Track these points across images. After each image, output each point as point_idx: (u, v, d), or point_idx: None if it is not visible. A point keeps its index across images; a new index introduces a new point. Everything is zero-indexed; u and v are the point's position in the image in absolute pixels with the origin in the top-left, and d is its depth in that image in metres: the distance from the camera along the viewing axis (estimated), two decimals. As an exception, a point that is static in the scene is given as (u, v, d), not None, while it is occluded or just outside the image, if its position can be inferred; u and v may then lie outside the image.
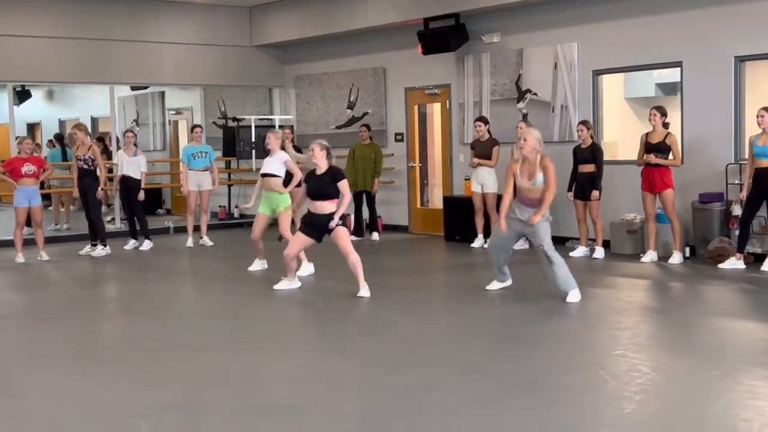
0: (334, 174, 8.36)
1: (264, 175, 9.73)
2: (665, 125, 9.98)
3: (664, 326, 7.00)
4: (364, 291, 8.30)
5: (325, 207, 8.31)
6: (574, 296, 7.79)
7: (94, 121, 19.31)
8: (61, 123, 21.06)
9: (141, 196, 12.15)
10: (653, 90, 13.21)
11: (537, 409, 4.93)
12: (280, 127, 14.76)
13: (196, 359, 6.23)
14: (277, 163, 9.68)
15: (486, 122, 11.78)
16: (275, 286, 8.77)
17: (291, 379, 5.68)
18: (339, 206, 8.34)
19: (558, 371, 5.73)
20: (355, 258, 8.31)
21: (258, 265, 10.18)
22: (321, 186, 8.34)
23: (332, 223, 8.24)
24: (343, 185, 8.37)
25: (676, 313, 7.52)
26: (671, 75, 12.49)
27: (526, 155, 7.82)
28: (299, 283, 8.85)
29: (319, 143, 8.44)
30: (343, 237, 8.33)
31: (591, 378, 5.49)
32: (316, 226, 8.37)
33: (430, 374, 5.68)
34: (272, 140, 9.78)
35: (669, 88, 13.19)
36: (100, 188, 11.69)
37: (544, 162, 7.78)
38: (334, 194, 8.33)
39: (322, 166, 8.38)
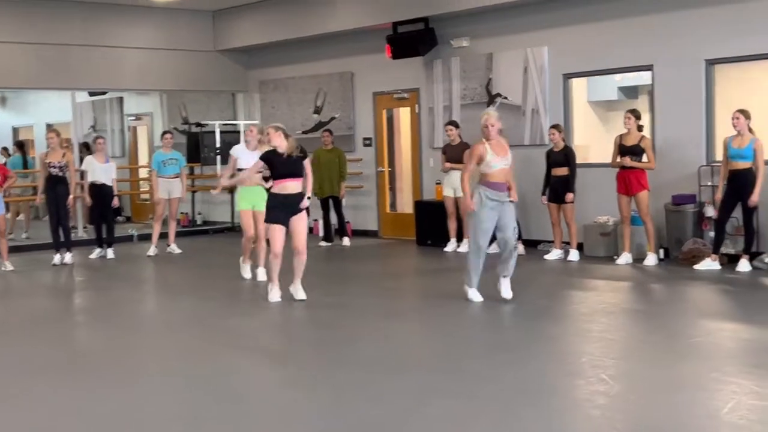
0: (301, 152, 8.33)
1: (241, 170, 9.38)
2: (639, 128, 10.06)
3: (654, 329, 7.02)
4: (301, 293, 8.29)
5: (294, 186, 8.18)
6: (508, 289, 7.93)
7: (49, 127, 18.87)
8: (15, 130, 20.62)
9: (115, 203, 11.94)
10: (616, 93, 13.35)
11: (547, 417, 4.90)
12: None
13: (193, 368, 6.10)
14: (254, 158, 9.40)
15: (457, 126, 11.77)
16: (270, 298, 8.37)
17: (291, 386, 5.59)
18: (306, 185, 8.27)
19: (558, 376, 5.71)
20: (305, 257, 8.26)
21: (249, 272, 9.85)
22: (288, 165, 8.18)
23: (304, 203, 8.17)
24: (307, 164, 8.36)
25: (664, 316, 7.56)
26: (634, 78, 12.64)
27: (495, 138, 7.87)
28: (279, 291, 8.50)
29: (272, 125, 8.36)
30: (304, 226, 8.27)
31: (593, 382, 5.47)
32: (286, 206, 8.14)
33: (432, 381, 5.61)
34: (253, 135, 9.64)
35: (631, 92, 13.35)
36: (71, 196, 11.42)
37: (507, 141, 8.11)
38: (301, 173, 8.24)
39: (282, 147, 8.18)
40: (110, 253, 12.07)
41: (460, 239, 11.79)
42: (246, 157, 9.46)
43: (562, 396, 5.27)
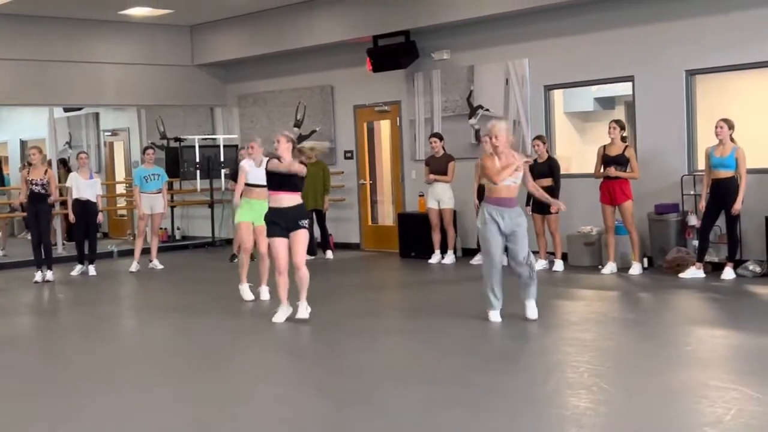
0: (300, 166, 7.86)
1: (255, 186, 9.03)
2: (623, 138, 10.17)
3: (647, 337, 7.08)
4: (304, 311, 7.92)
5: (287, 199, 7.82)
6: (534, 309, 7.65)
7: (23, 144, 18.73)
8: (-12, 146, 20.40)
9: (100, 219, 11.81)
10: (592, 104, 13.50)
11: (552, 427, 4.93)
12: (236, 146, 14.54)
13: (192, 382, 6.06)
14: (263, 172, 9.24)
15: (441, 138, 11.82)
16: (274, 319, 8.02)
17: (292, 400, 5.57)
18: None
19: (558, 386, 5.73)
20: (305, 273, 7.89)
21: (250, 293, 9.39)
22: (284, 177, 7.80)
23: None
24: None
25: (655, 324, 7.63)
26: (610, 89, 12.79)
27: (501, 152, 7.45)
28: (290, 308, 8.12)
29: (284, 134, 7.91)
30: (300, 241, 7.86)
31: (594, 392, 5.50)
32: (281, 220, 7.86)
33: (434, 392, 5.62)
34: (255, 150, 9.14)
35: (608, 102, 13.50)
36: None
37: (523, 160, 7.54)
38: (297, 186, 7.86)
39: (287, 158, 7.82)
40: (92, 269, 11.95)
41: (444, 251, 11.82)
42: (255, 171, 9.06)
43: (563, 407, 5.28)
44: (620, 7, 10.69)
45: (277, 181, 7.85)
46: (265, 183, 8.14)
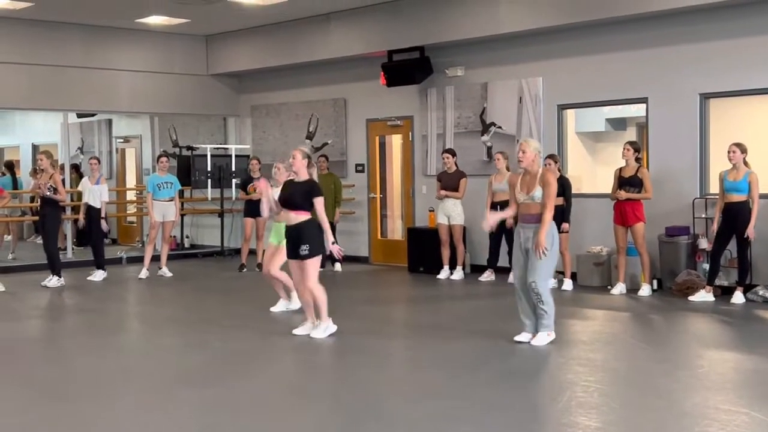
0: (311, 187, 7.69)
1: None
2: (637, 160, 10.18)
3: (658, 359, 7.07)
4: (317, 331, 7.83)
5: (292, 217, 7.70)
6: (542, 339, 7.38)
7: (35, 148, 18.79)
8: (0, 150, 20.48)
9: (104, 225, 11.80)
10: (603, 125, 13.53)
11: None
12: (246, 156, 14.57)
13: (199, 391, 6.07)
14: None
15: (453, 154, 11.85)
16: (294, 330, 8.03)
17: (302, 411, 5.57)
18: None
19: (569, 406, 5.72)
20: (316, 293, 7.77)
21: (282, 306, 9.30)
22: (294, 194, 7.68)
23: (331, 248, 7.71)
24: (319, 203, 7.66)
25: (666, 346, 7.63)
26: (622, 110, 12.82)
27: (526, 168, 7.42)
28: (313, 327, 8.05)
29: (300, 150, 7.80)
30: (308, 269, 7.72)
31: (605, 412, 5.50)
32: (290, 240, 7.75)
33: (443, 409, 5.62)
34: (280, 171, 9.03)
35: (619, 123, 13.53)
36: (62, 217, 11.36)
37: (546, 177, 7.35)
38: (305, 206, 7.66)
39: (301, 175, 7.74)
40: (98, 275, 11.94)
41: (453, 267, 11.83)
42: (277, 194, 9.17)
43: (573, 426, 5.27)
44: (635, 28, 10.72)
45: (281, 199, 7.84)
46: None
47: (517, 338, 7.50)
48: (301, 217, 7.68)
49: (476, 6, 11.71)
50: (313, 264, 7.72)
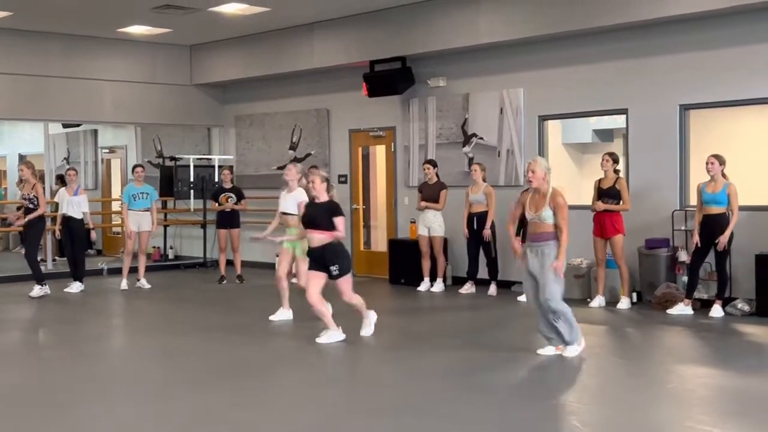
0: (332, 207, 8.11)
1: (286, 214, 9.34)
2: (616, 171, 10.11)
3: (630, 374, 6.98)
4: (323, 337, 8.18)
5: (315, 238, 8.02)
6: (573, 351, 7.39)
7: (21, 158, 18.71)
8: (-15, 160, 20.41)
9: (93, 236, 11.74)
10: (590, 136, 13.45)
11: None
12: (219, 167, 14.54)
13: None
14: (292, 201, 9.26)
15: (434, 165, 11.78)
16: (318, 340, 8.15)
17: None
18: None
19: (541, 420, 5.63)
20: (313, 309, 8.16)
21: (281, 315, 9.41)
22: (316, 215, 8.08)
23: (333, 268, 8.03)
24: (340, 222, 8.07)
25: (640, 360, 7.53)
26: (609, 122, 12.75)
27: (536, 187, 7.32)
28: (342, 335, 8.25)
29: (319, 174, 8.21)
30: (342, 285, 8.12)
31: (600, 428, 5.40)
32: (314, 259, 8.11)
33: (417, 425, 5.52)
34: (293, 174, 9.39)
35: (606, 135, 13.45)
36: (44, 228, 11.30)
37: (556, 199, 7.21)
38: (326, 225, 8.01)
39: (321, 198, 8.16)
40: (75, 286, 11.83)
41: (433, 279, 11.73)
42: (287, 200, 9.32)
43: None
44: (616, 39, 10.65)
45: (305, 220, 8.21)
46: (294, 212, 9.06)
47: (540, 351, 7.47)
48: (324, 237, 8.03)
49: (457, 16, 11.65)
50: (346, 280, 8.14)
